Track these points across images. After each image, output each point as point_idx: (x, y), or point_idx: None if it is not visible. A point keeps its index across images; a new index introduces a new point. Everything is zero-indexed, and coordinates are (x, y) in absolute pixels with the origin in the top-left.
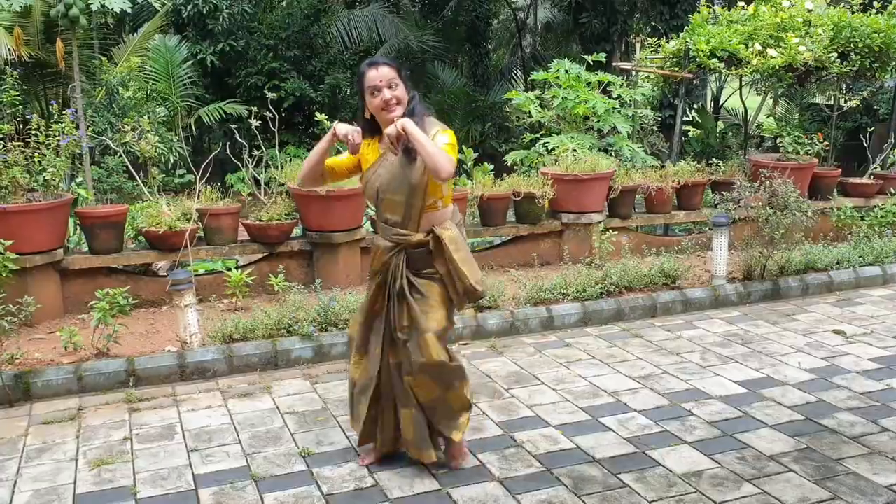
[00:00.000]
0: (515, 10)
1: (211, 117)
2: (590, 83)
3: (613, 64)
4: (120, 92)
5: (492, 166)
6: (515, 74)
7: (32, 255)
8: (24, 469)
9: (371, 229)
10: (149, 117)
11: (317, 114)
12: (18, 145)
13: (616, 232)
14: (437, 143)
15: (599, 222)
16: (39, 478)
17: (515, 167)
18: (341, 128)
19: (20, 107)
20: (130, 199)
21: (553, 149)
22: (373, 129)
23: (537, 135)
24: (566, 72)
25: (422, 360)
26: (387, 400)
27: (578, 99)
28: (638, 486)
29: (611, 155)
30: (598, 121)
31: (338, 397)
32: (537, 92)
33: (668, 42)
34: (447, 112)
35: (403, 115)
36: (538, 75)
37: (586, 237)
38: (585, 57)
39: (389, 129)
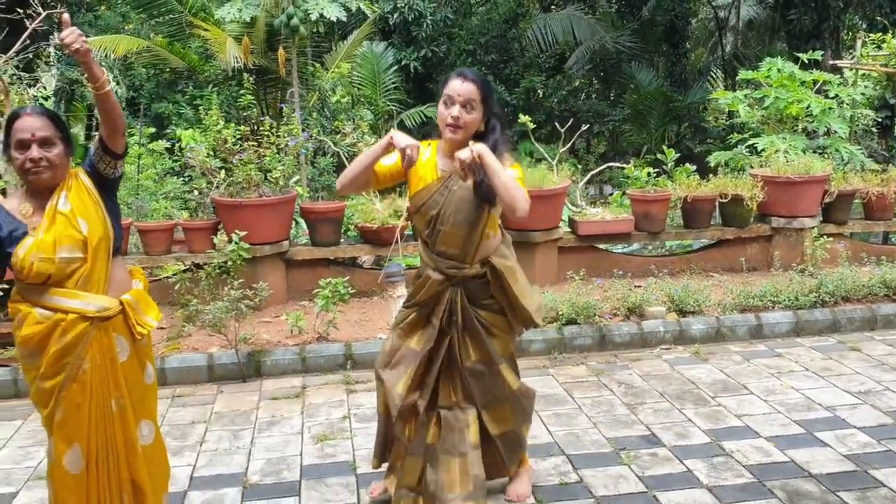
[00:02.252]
0: (716, 8)
1: (412, 120)
2: (803, 82)
3: (830, 62)
4: (329, 96)
5: (694, 167)
6: (714, 74)
7: (262, 246)
8: (257, 439)
9: (568, 228)
10: (354, 121)
11: (520, 115)
12: (252, 145)
13: (830, 238)
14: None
15: (812, 227)
16: (271, 448)
17: (719, 168)
18: (400, 139)
19: (253, 109)
20: (339, 196)
21: (762, 150)
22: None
23: (744, 135)
24: (778, 70)
25: (501, 391)
26: (418, 446)
27: (791, 98)
28: None
29: (825, 157)
30: (813, 121)
31: (538, 392)
32: (746, 91)
33: (894, 37)
34: (643, 112)
35: (467, 144)
36: (746, 74)
37: (798, 243)
38: (799, 55)
39: (463, 154)
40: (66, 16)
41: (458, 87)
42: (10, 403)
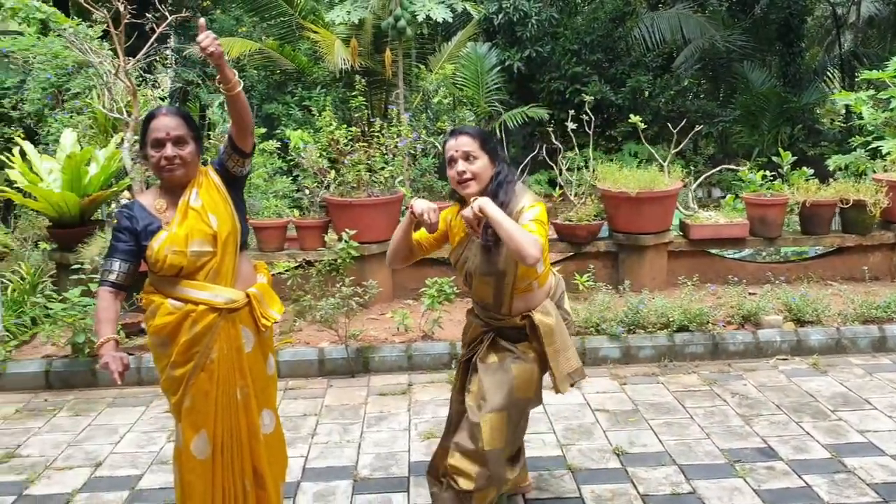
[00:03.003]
0: (834, 4)
1: (514, 121)
2: None
3: None
4: (432, 97)
5: (811, 170)
6: (831, 74)
7: (370, 245)
8: (366, 434)
9: (678, 232)
10: (456, 122)
11: (630, 116)
12: (362, 146)
13: None
14: (523, 219)
15: None
16: (379, 443)
17: (839, 171)
18: (418, 206)
19: (365, 111)
20: (440, 197)
21: (887, 153)
22: (462, 197)
23: (867, 138)
24: None
25: (472, 446)
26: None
27: None
28: None
29: None
30: None
31: (647, 400)
32: (870, 91)
33: None
34: (755, 114)
35: (484, 193)
36: (869, 74)
37: None
38: None
39: (465, 212)
40: (202, 20)
41: (453, 143)
42: (133, 390)
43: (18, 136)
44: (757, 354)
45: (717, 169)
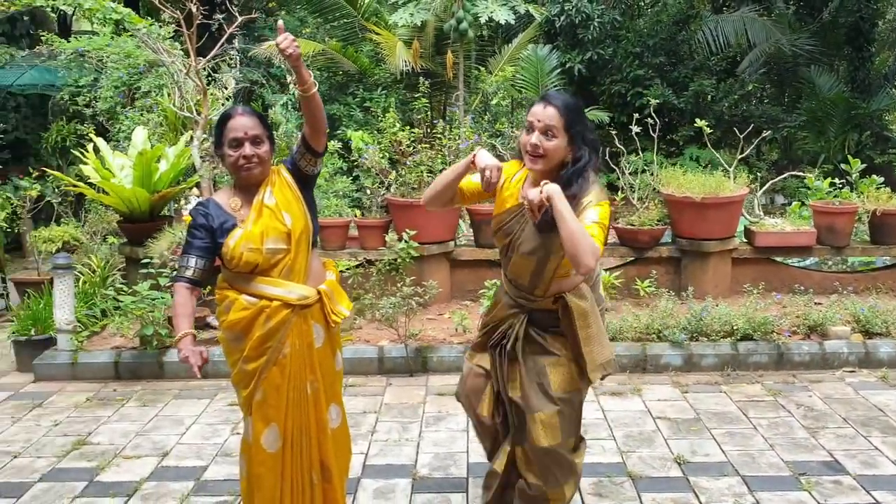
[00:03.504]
0: None
1: None
2: None
3: None
4: (490, 99)
5: (881, 179)
6: None
7: (430, 245)
8: (424, 433)
9: (743, 239)
10: (514, 125)
11: (696, 120)
12: (425, 147)
13: None
14: (585, 217)
15: None
16: (438, 443)
17: None
18: (482, 159)
19: (427, 112)
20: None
21: None
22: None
23: None
24: None
25: (527, 445)
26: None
27: None
28: None
29: None
30: None
31: (710, 409)
32: None
33: None
34: (821, 119)
35: (551, 174)
36: None
37: None
38: None
39: (531, 194)
40: (280, 22)
41: (539, 112)
42: (198, 383)
43: (92, 132)
44: (823, 366)
45: (784, 175)
